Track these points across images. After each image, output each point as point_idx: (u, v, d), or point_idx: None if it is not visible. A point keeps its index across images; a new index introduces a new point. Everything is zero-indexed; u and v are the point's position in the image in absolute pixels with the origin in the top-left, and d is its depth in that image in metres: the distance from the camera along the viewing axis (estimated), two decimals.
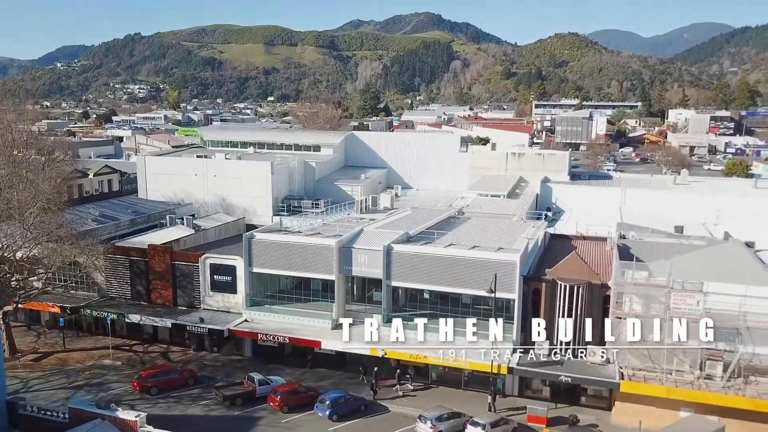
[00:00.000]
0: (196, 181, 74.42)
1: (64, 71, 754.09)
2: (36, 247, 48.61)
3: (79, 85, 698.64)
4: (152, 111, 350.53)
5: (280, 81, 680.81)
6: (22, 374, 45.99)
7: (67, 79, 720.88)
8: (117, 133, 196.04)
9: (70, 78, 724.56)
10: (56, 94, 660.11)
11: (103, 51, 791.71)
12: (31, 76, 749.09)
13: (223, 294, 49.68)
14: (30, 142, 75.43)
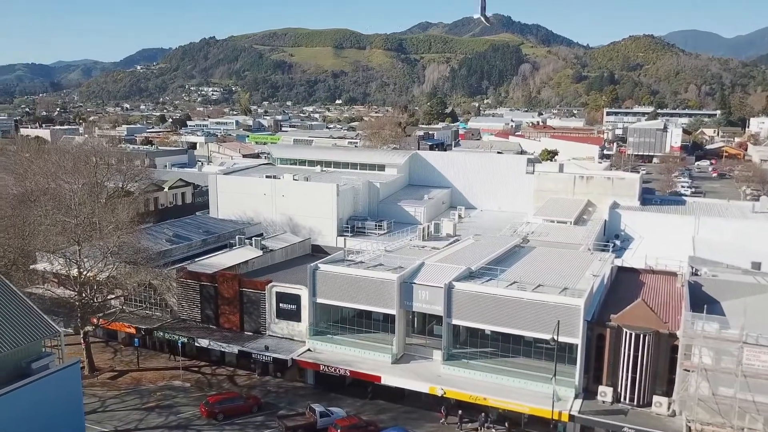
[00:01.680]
0: (265, 200, 76.45)
1: (143, 73, 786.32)
2: (115, 270, 51.34)
3: (156, 87, 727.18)
4: (225, 115, 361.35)
5: (348, 84, 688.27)
6: (99, 392, 48.60)
7: (146, 81, 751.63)
8: (191, 139, 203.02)
9: (148, 80, 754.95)
10: (135, 95, 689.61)
11: (179, 54, 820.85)
12: (113, 78, 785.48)
13: (288, 322, 50.98)
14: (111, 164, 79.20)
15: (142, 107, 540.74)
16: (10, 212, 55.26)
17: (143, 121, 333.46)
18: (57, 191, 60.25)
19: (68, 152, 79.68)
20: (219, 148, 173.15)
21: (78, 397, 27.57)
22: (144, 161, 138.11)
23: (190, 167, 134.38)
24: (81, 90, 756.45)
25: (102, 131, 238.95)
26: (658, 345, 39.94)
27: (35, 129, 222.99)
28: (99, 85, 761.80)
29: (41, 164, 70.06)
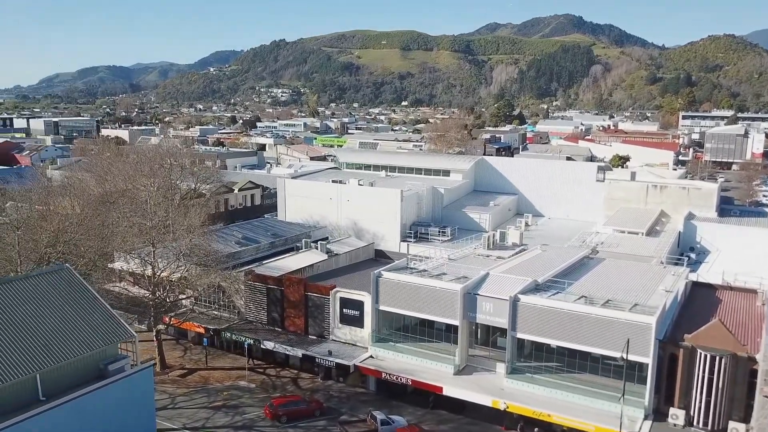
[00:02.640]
0: (331, 204, 77.42)
1: (216, 75, 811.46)
2: (186, 271, 53.12)
3: (228, 88, 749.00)
4: (293, 117, 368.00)
5: (414, 85, 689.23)
6: (170, 389, 50.37)
7: (218, 83, 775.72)
8: (260, 140, 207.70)
9: (221, 82, 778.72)
10: (208, 96, 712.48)
11: (251, 56, 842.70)
12: (187, 79, 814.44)
13: (351, 327, 51.42)
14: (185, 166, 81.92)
15: (214, 108, 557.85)
16: (91, 213, 57.94)
17: (215, 122, 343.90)
18: (134, 194, 62.80)
19: (145, 155, 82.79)
20: (287, 150, 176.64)
21: (150, 399, 28.72)
22: (215, 162, 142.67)
23: (259, 169, 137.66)
24: (157, 91, 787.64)
25: (176, 132, 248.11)
26: (736, 368, 38.05)
27: (115, 129, 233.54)
28: (174, 87, 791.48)
29: (120, 166, 73.27)
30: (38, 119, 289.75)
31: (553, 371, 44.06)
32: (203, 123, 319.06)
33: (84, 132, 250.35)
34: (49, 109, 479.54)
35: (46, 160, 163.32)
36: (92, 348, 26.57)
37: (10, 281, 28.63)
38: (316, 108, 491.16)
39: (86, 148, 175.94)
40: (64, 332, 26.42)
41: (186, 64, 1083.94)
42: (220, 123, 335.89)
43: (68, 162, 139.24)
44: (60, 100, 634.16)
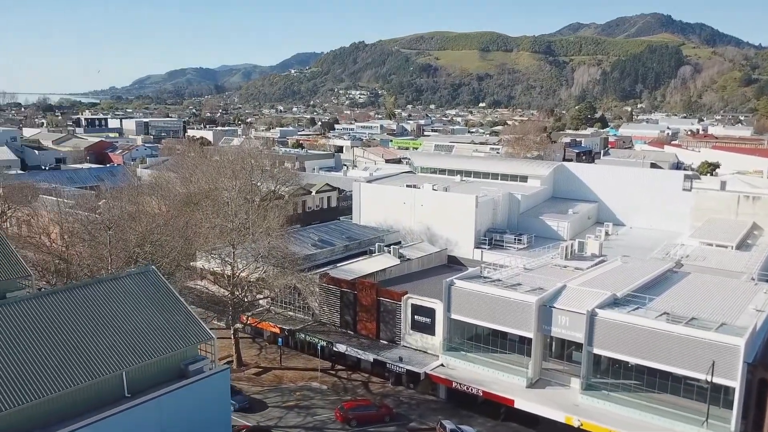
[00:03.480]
0: (405, 209, 77.62)
1: (297, 77, 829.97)
2: (264, 272, 54.66)
3: (308, 90, 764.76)
4: (370, 119, 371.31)
5: (492, 87, 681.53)
6: (245, 387, 51.94)
7: (298, 85, 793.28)
8: (337, 142, 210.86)
9: (301, 83, 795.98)
10: (289, 98, 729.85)
11: (330, 58, 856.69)
12: (269, 81, 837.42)
13: (422, 334, 51.40)
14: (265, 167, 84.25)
15: (294, 109, 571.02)
16: (176, 213, 60.53)
17: (295, 123, 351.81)
18: (216, 195, 65.12)
19: (227, 157, 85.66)
20: (363, 152, 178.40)
21: (226, 400, 29.83)
22: (294, 164, 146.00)
23: (336, 171, 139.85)
24: (240, 92, 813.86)
25: (257, 133, 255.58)
26: None
27: (200, 130, 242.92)
28: (257, 88, 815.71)
29: (204, 169, 76.15)
30: (130, 120, 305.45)
31: (630, 389, 42.44)
32: (283, 124, 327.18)
33: (172, 132, 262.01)
34: (140, 110, 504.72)
35: (136, 159, 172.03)
36: (174, 348, 27.78)
37: (102, 281, 30.34)
38: (393, 110, 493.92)
39: (173, 148, 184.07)
40: (148, 332, 27.76)
41: (268, 66, 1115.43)
42: (300, 124, 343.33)
43: (156, 161, 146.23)
44: (150, 101, 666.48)
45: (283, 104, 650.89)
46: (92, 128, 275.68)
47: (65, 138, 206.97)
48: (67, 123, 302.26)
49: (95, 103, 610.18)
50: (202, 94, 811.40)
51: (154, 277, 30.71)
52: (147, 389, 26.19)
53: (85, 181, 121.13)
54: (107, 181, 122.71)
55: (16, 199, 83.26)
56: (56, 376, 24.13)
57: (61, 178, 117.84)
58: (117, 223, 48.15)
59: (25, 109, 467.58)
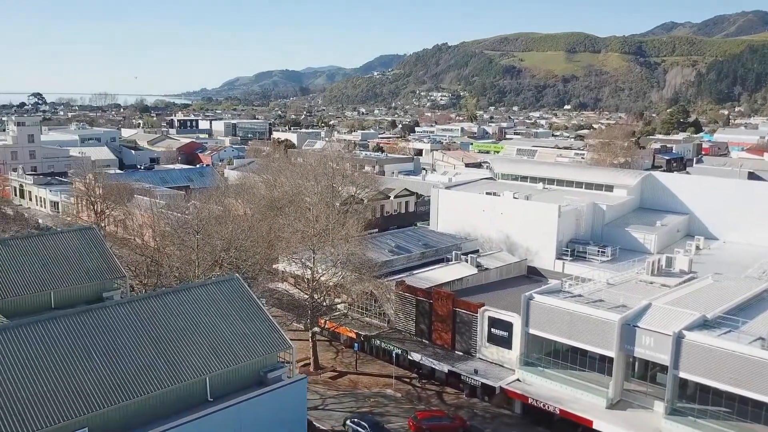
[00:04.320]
0: (483, 217, 76.77)
1: (379, 79, 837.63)
2: (342, 277, 55.62)
3: (390, 92, 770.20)
4: (451, 121, 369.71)
5: (578, 89, 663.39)
6: (321, 390, 53.00)
7: (380, 87, 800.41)
8: (417, 145, 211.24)
9: (383, 85, 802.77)
10: (371, 100, 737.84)
11: (413, 60, 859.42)
12: (352, 83, 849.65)
13: (499, 347, 50.73)
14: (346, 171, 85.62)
15: (375, 111, 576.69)
16: (260, 218, 62.52)
17: (376, 126, 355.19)
18: (299, 201, 66.79)
19: (310, 163, 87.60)
20: (443, 156, 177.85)
21: (303, 408, 30.57)
22: (374, 167, 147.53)
23: (414, 175, 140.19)
24: (324, 94, 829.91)
25: (340, 135, 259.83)
26: None
27: (284, 132, 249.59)
28: (340, 90, 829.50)
29: (288, 174, 78.25)
30: (219, 121, 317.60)
31: (719, 417, 40.28)
32: (365, 127, 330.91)
33: (258, 134, 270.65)
34: (228, 111, 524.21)
35: (224, 160, 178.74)
36: (255, 356, 28.77)
37: (190, 288, 31.84)
38: (474, 112, 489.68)
39: (259, 150, 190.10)
40: (231, 339, 28.87)
41: (352, 68, 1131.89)
42: (380, 127, 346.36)
43: (242, 163, 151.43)
44: (238, 102, 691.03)
45: (365, 106, 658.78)
46: (184, 129, 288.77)
47: (159, 139, 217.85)
48: (162, 124, 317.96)
49: (187, 104, 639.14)
50: (288, 96, 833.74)
51: (238, 284, 31.91)
52: (228, 395, 27.32)
53: (176, 181, 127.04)
54: (196, 182, 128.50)
55: (114, 198, 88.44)
56: (146, 378, 25.52)
57: (154, 178, 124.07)
58: (204, 228, 50.24)
59: (124, 109, 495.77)
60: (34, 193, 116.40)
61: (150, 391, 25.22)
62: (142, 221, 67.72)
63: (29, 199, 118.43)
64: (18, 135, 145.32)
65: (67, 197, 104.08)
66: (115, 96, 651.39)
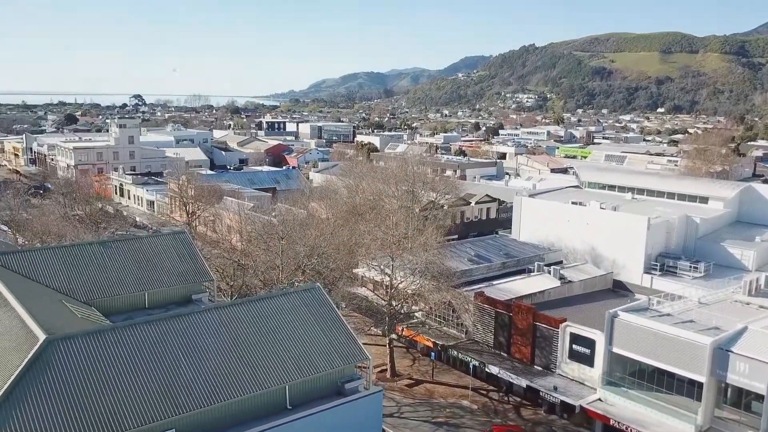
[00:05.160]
0: (568, 227, 74.92)
1: (464, 81, 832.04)
2: (420, 285, 55.75)
3: (474, 94, 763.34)
4: (536, 124, 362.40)
5: (673, 91, 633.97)
6: (397, 397, 53.30)
7: (465, 89, 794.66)
8: (501, 149, 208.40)
9: (467, 87, 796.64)
10: (455, 102, 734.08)
11: (499, 62, 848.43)
12: (436, 85, 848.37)
13: (580, 365, 49.28)
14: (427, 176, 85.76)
15: (459, 113, 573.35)
16: (342, 223, 63.62)
17: (459, 128, 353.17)
18: (380, 207, 67.47)
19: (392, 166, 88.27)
20: (527, 160, 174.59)
21: (378, 421, 30.90)
22: (456, 172, 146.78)
23: (497, 180, 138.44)
24: (408, 96, 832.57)
25: (422, 138, 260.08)
26: None
27: (367, 135, 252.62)
28: (424, 92, 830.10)
29: (370, 181, 79.19)
30: (305, 124, 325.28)
31: None
32: (447, 129, 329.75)
33: (342, 136, 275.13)
34: (314, 113, 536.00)
35: (309, 162, 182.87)
36: (333, 366, 29.34)
37: (273, 296, 32.88)
38: (561, 115, 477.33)
39: (343, 152, 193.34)
40: (311, 348, 29.57)
41: (436, 70, 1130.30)
42: (464, 129, 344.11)
43: (326, 166, 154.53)
44: (324, 104, 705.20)
45: (448, 108, 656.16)
46: (272, 131, 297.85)
47: (248, 140, 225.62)
48: (251, 126, 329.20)
49: (276, 106, 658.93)
50: (372, 98, 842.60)
51: (319, 294, 32.65)
52: (306, 404, 28.02)
53: (263, 182, 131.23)
54: (282, 184, 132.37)
55: (205, 199, 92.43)
56: (230, 384, 26.58)
57: (243, 179, 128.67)
58: (288, 234, 51.67)
59: (216, 111, 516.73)
60: (133, 192, 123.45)
61: (233, 396, 26.23)
62: (230, 223, 70.42)
63: (128, 198, 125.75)
64: (119, 136, 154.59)
65: (161, 197, 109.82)
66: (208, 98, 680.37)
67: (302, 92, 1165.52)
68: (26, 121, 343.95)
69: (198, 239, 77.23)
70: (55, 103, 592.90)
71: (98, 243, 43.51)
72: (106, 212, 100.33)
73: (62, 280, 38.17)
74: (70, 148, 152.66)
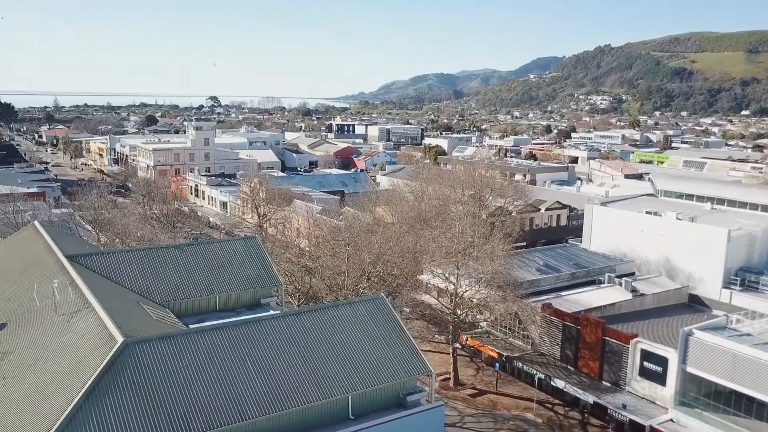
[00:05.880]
0: (641, 237, 72.50)
1: (535, 82, 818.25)
2: (485, 294, 55.23)
3: (546, 95, 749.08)
4: (611, 127, 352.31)
5: (759, 93, 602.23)
6: (460, 407, 52.96)
7: (536, 90, 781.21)
8: (573, 153, 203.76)
9: (539, 89, 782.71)
10: (525, 104, 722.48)
11: (572, 63, 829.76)
12: (507, 86, 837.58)
13: (651, 383, 47.55)
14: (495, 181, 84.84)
15: (530, 116, 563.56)
16: (407, 229, 63.77)
17: (530, 131, 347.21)
18: (446, 213, 67.24)
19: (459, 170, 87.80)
20: (600, 165, 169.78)
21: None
22: (525, 176, 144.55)
23: (568, 185, 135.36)
24: (478, 98, 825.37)
25: (491, 141, 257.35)
26: None
27: (435, 138, 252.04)
28: (494, 93, 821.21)
29: (436, 186, 79.04)
30: (374, 126, 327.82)
31: None
32: (518, 132, 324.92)
33: (410, 139, 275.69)
34: (383, 114, 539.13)
35: (377, 165, 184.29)
36: (395, 378, 29.49)
37: (338, 306, 33.37)
38: (637, 117, 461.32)
39: (410, 155, 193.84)
40: (374, 359, 29.82)
41: (507, 71, 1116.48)
42: (534, 132, 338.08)
43: (393, 169, 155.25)
44: (393, 106, 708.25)
45: (519, 110, 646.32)
46: (341, 133, 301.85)
47: (318, 143, 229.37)
48: (321, 128, 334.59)
49: (345, 108, 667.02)
50: (441, 100, 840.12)
51: (383, 304, 32.91)
52: (368, 414, 28.32)
53: (332, 185, 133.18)
54: (350, 187, 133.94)
55: (276, 201, 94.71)
56: (294, 391, 27.17)
57: (312, 182, 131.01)
58: (355, 241, 52.25)
59: (288, 112, 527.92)
60: (207, 192, 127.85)
61: (298, 404, 26.78)
62: (298, 227, 71.81)
63: (203, 198, 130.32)
64: (196, 138, 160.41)
65: (234, 199, 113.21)
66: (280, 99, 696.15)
67: (372, 94, 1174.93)
68: (110, 122, 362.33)
69: (268, 241, 79.36)
70: (137, 105, 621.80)
71: (174, 246, 45.37)
72: (182, 212, 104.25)
73: (140, 281, 40.03)
74: (150, 149, 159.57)
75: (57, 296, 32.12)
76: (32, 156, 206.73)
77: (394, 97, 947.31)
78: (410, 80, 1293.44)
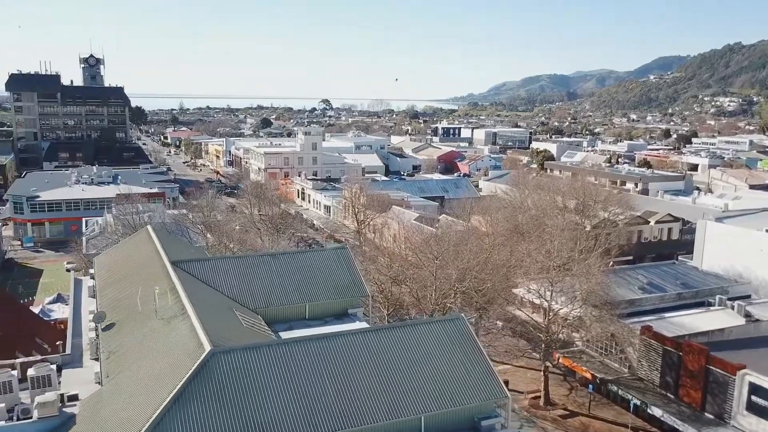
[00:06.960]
0: (761, 257, 67.19)
1: (655, 83, 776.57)
2: (580, 312, 53.39)
3: (667, 97, 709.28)
4: (738, 132, 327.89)
5: None
6: (549, 428, 51.51)
7: (656, 91, 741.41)
8: (692, 160, 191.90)
9: (659, 90, 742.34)
10: (644, 105, 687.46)
11: (697, 62, 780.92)
12: (624, 87, 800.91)
13: (760, 419, 43.98)
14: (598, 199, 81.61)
15: (648, 118, 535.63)
16: (502, 241, 62.74)
17: (646, 135, 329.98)
18: (543, 227, 65.55)
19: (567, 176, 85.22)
20: (722, 174, 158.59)
21: None
22: (636, 185, 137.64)
23: (684, 195, 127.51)
24: (592, 99, 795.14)
25: (604, 145, 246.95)
26: None
27: (544, 142, 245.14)
28: (610, 95, 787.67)
29: (535, 198, 77.15)
30: (480, 129, 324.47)
31: None
32: (633, 136, 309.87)
33: (517, 143, 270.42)
34: (492, 116, 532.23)
35: (480, 169, 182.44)
36: (470, 401, 29.17)
37: (417, 324, 33.50)
38: None
39: (516, 160, 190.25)
40: (449, 380, 29.63)
41: (625, 72, 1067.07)
42: (651, 136, 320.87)
43: (497, 174, 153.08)
44: (503, 108, 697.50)
45: (636, 112, 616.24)
46: (446, 137, 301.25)
47: (423, 147, 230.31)
48: (427, 131, 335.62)
49: (453, 110, 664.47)
50: (554, 101, 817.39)
51: (462, 325, 32.66)
52: None
53: (432, 191, 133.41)
54: (451, 193, 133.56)
55: (375, 207, 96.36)
56: (368, 408, 27.60)
57: (413, 188, 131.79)
58: (443, 256, 52.13)
59: (396, 115, 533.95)
60: (312, 196, 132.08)
61: (371, 421, 27.15)
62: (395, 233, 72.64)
63: (308, 202, 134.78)
64: (304, 143, 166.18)
65: (336, 203, 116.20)
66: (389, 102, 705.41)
67: (481, 95, 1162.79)
68: (228, 124, 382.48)
69: (366, 246, 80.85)
70: (254, 107, 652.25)
71: (269, 254, 47.28)
72: (287, 214, 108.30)
73: (235, 287, 42.12)
74: (262, 152, 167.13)
75: (157, 301, 34.57)
76: (157, 157, 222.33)
77: (504, 99, 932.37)
78: (521, 81, 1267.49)
